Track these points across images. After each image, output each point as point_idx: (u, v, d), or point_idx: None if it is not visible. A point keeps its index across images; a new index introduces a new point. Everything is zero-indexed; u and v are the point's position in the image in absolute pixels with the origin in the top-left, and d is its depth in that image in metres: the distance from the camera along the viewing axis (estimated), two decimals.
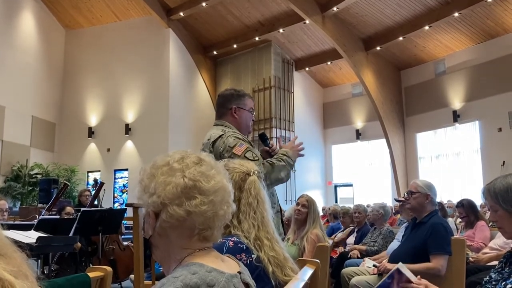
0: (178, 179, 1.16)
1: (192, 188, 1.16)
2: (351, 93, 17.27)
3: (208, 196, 1.17)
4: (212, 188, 1.18)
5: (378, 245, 5.27)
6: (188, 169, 1.18)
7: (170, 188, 1.16)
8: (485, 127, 13.46)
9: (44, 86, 15.60)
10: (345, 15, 14.08)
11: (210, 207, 1.17)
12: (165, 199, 1.15)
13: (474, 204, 5.53)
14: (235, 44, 16.02)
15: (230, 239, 1.56)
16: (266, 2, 14.46)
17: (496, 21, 12.64)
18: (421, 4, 12.97)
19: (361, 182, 16.82)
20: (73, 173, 14.81)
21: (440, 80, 14.73)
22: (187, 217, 1.15)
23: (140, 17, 15.90)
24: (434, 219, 3.31)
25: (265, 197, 1.72)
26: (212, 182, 1.19)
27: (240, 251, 1.53)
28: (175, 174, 1.17)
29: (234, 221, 1.62)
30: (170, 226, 1.16)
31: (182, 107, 15.63)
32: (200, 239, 1.18)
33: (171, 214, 1.15)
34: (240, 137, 2.68)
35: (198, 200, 1.16)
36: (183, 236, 1.18)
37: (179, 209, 1.15)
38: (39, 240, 3.52)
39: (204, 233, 1.18)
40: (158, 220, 1.17)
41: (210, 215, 1.17)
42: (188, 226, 1.16)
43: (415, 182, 3.49)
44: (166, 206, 1.15)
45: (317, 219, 3.99)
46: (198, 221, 1.16)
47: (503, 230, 1.82)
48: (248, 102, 2.87)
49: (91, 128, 16.01)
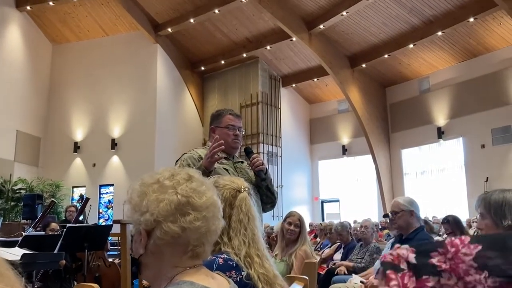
0: (171, 196, 1.16)
1: (185, 204, 1.16)
2: (337, 110, 17.44)
3: (201, 212, 1.17)
4: (204, 204, 1.19)
5: (365, 261, 5.29)
6: (179, 185, 1.18)
7: (164, 205, 1.15)
8: (469, 144, 13.68)
9: (30, 100, 15.47)
10: (331, 33, 14.30)
11: (204, 223, 1.17)
12: (159, 216, 1.14)
13: (459, 220, 5.58)
14: (222, 60, 16.13)
15: (220, 257, 1.57)
16: (253, 20, 14.63)
17: (478, 40, 12.94)
18: (406, 23, 13.24)
19: (347, 197, 16.89)
20: (58, 188, 14.60)
21: (424, 97, 14.97)
22: (182, 233, 1.15)
23: (128, 32, 15.94)
24: (420, 235, 3.34)
25: (256, 213, 1.73)
26: (204, 198, 1.19)
27: (230, 268, 1.54)
28: (167, 191, 1.17)
29: (225, 238, 1.63)
30: (165, 243, 1.16)
31: (169, 123, 15.60)
32: (192, 256, 1.18)
33: (165, 231, 1.14)
34: (193, 155, 2.79)
35: (192, 216, 1.16)
36: (176, 253, 1.17)
37: (174, 226, 1.14)
38: (23, 257, 3.47)
39: (197, 249, 1.18)
40: (151, 238, 1.16)
41: (203, 231, 1.18)
42: (182, 242, 1.16)
43: (396, 201, 3.47)
44: (160, 223, 1.14)
45: (307, 236, 4.00)
46: (192, 237, 1.16)
47: None
48: (224, 119, 2.88)
49: (76, 143, 15.87)
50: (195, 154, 2.81)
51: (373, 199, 16.08)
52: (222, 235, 1.63)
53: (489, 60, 13.15)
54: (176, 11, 14.94)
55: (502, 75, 12.84)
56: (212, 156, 2.58)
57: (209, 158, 2.59)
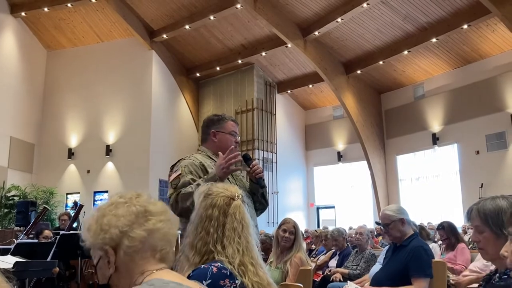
0: (130, 208, 1.28)
1: (144, 212, 1.28)
2: (333, 116, 17.47)
3: (160, 215, 1.30)
4: (160, 209, 1.32)
5: (361, 268, 5.26)
6: (132, 201, 1.30)
7: (126, 216, 1.26)
8: (464, 150, 13.72)
9: (24, 107, 15.41)
10: (326, 40, 14.35)
11: (163, 224, 1.29)
12: (123, 227, 1.24)
13: (454, 226, 5.58)
14: (218, 66, 16.14)
15: (214, 265, 1.55)
16: (249, 26, 14.66)
17: (472, 47, 13.03)
18: (400, 30, 13.31)
19: (343, 204, 16.88)
20: (52, 195, 14.50)
21: (419, 104, 15.02)
22: (148, 236, 1.25)
23: (123, 38, 15.93)
24: (415, 242, 3.33)
25: (249, 221, 1.71)
26: (158, 205, 1.33)
27: (224, 277, 1.52)
28: (124, 206, 1.28)
29: (218, 246, 1.61)
30: (134, 251, 1.24)
31: (164, 129, 15.57)
32: (160, 258, 1.28)
33: (133, 238, 1.24)
34: (195, 161, 2.68)
35: (153, 220, 1.28)
36: (146, 258, 1.26)
37: (140, 230, 1.25)
38: (16, 265, 3.43)
39: (163, 251, 1.28)
40: (118, 252, 1.24)
41: (167, 231, 1.29)
42: (150, 245, 1.26)
43: (384, 213, 3.42)
44: (126, 233, 1.24)
45: (301, 243, 3.98)
46: (159, 237, 1.27)
47: (484, 251, 1.77)
48: (228, 125, 2.86)
49: (71, 149, 15.80)
50: (196, 160, 2.71)
51: (368, 205, 16.08)
52: (216, 244, 1.61)
53: (483, 66, 13.22)
54: (171, 18, 14.96)
55: (496, 82, 12.91)
56: (228, 167, 2.54)
57: (224, 169, 2.53)
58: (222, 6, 13.76)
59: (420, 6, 12.24)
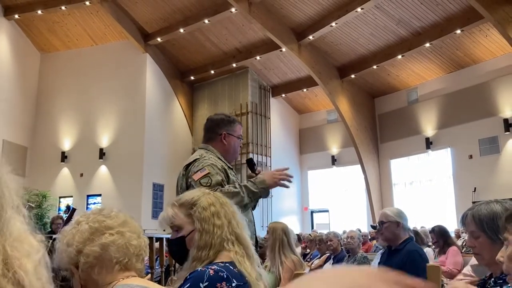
0: (83, 226, 1.33)
1: (98, 228, 1.32)
2: (327, 120, 17.50)
3: (114, 228, 1.33)
4: (116, 222, 1.35)
5: None
6: (89, 218, 1.36)
7: (80, 234, 1.31)
8: (457, 154, 13.79)
9: (17, 110, 15.31)
10: (320, 44, 14.39)
11: (119, 236, 1.32)
12: (78, 245, 1.30)
13: (444, 230, 5.62)
14: (212, 70, 16.13)
15: (211, 268, 1.54)
16: (243, 30, 14.68)
17: (465, 52, 13.11)
18: (394, 34, 13.37)
19: (337, 207, 16.89)
20: (45, 198, 14.38)
21: (412, 108, 15.09)
22: (102, 251, 1.29)
23: (117, 41, 15.89)
24: (409, 246, 3.33)
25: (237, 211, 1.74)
26: (115, 218, 1.36)
27: (221, 279, 1.51)
28: (80, 224, 1.34)
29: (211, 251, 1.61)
30: (90, 266, 1.29)
31: (158, 132, 15.52)
32: (122, 269, 1.31)
33: (87, 254, 1.29)
34: (217, 164, 2.61)
35: (107, 234, 1.31)
36: (104, 271, 1.30)
37: (93, 247, 1.29)
38: None
39: (122, 262, 1.31)
40: (79, 269, 1.30)
41: (121, 243, 1.32)
42: (106, 259, 1.30)
43: (384, 212, 3.46)
44: (81, 251, 1.29)
45: (286, 246, 3.91)
46: (113, 250, 1.30)
47: (480, 257, 1.76)
48: (237, 128, 2.84)
49: (64, 153, 15.71)
50: (218, 163, 2.64)
51: (362, 209, 16.10)
52: (210, 249, 1.61)
53: (476, 71, 13.31)
54: (166, 21, 14.95)
55: (488, 86, 13.00)
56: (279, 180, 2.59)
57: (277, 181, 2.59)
58: (217, 10, 13.77)
59: (413, 11, 12.31)
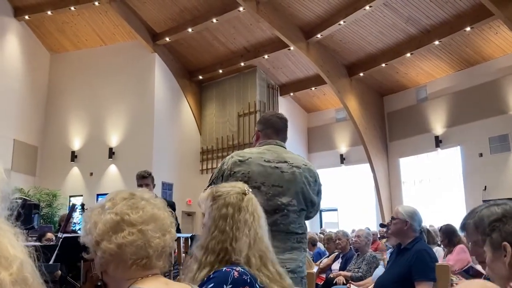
0: (106, 216, 1.26)
1: (119, 222, 1.24)
2: (335, 118, 17.45)
3: (136, 226, 1.24)
4: (140, 218, 1.26)
5: (362, 271, 5.26)
6: (116, 205, 1.28)
7: (100, 226, 1.25)
8: (467, 153, 13.67)
9: (27, 110, 15.46)
10: (328, 42, 14.34)
11: (139, 236, 1.24)
12: (97, 237, 1.24)
13: (452, 229, 5.62)
14: (220, 69, 16.15)
15: (235, 269, 1.54)
16: (251, 29, 14.68)
17: (474, 49, 13.00)
18: (403, 32, 13.29)
19: (345, 206, 16.82)
20: (55, 197, 14.54)
21: (422, 106, 14.99)
22: (118, 250, 1.22)
23: (126, 41, 15.96)
24: (418, 245, 3.32)
25: (262, 213, 1.73)
26: (140, 212, 1.26)
27: (244, 283, 1.51)
28: (105, 212, 1.28)
29: (234, 243, 1.62)
30: (105, 262, 1.25)
31: (167, 131, 15.58)
32: (139, 268, 1.24)
33: (104, 250, 1.23)
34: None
35: (126, 232, 1.23)
36: (119, 269, 1.24)
37: (109, 244, 1.22)
38: None
39: (140, 263, 1.24)
40: (97, 257, 1.27)
41: (141, 244, 1.23)
42: (121, 258, 1.23)
43: (397, 208, 3.49)
44: (99, 243, 1.24)
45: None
46: (130, 252, 1.23)
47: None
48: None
49: (74, 152, 15.83)
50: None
51: (371, 208, 16.03)
52: (232, 242, 1.62)
53: (486, 69, 13.19)
54: (174, 21, 14.99)
55: (499, 84, 12.88)
56: None
57: None
58: (225, 9, 13.78)
59: (422, 8, 12.22)
